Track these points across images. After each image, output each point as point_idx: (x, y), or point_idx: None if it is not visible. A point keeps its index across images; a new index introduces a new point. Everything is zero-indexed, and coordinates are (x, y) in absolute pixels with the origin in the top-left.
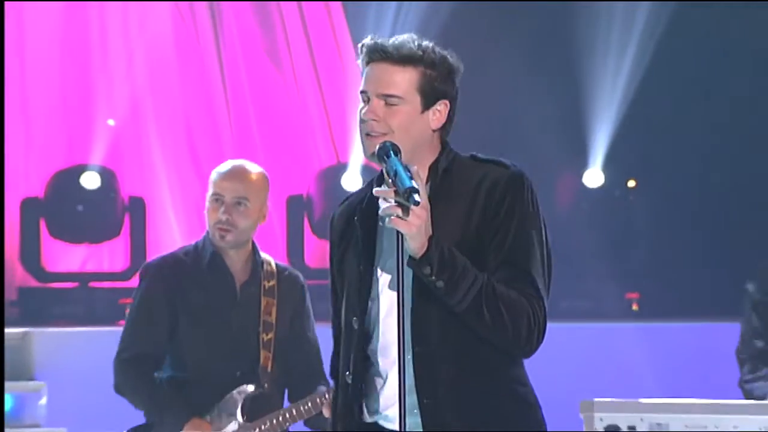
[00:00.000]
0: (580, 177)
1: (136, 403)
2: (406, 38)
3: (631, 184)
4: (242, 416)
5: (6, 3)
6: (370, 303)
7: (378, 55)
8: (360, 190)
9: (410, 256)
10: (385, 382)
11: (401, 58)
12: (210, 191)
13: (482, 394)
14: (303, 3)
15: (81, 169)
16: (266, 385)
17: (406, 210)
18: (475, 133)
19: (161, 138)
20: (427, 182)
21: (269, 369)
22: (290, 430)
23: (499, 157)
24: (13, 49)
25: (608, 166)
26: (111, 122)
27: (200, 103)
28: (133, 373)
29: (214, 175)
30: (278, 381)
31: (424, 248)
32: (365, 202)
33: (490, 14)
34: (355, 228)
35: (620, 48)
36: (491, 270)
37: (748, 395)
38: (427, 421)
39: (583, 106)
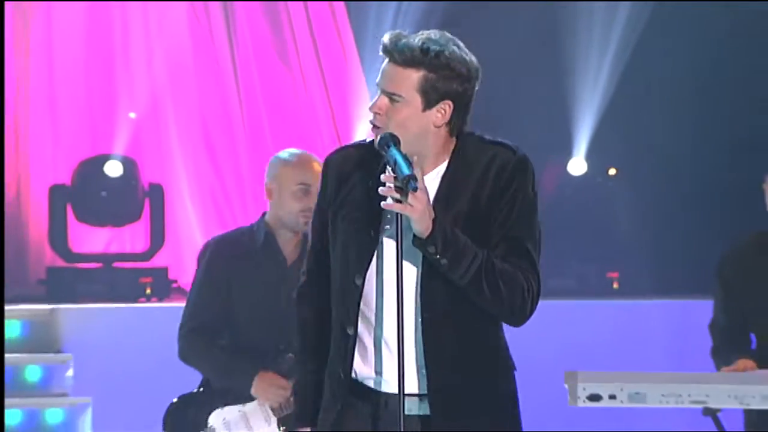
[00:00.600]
0: (565, 165)
1: (202, 369)
2: (415, 40)
3: (612, 172)
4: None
5: (34, 3)
6: (374, 266)
7: (388, 53)
8: (359, 146)
9: (416, 237)
10: (385, 344)
11: (404, 61)
12: (293, 179)
13: (477, 357)
14: (309, 3)
15: (105, 158)
16: None
17: (405, 194)
18: (472, 122)
19: (178, 129)
20: (447, 168)
21: None
22: None
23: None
24: (42, 47)
25: (591, 156)
26: (132, 115)
27: (214, 97)
28: (197, 341)
29: (295, 164)
30: None
31: (429, 230)
32: (378, 170)
33: (482, 13)
34: (366, 191)
35: (602, 45)
36: (494, 243)
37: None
38: (433, 383)
39: (567, 101)
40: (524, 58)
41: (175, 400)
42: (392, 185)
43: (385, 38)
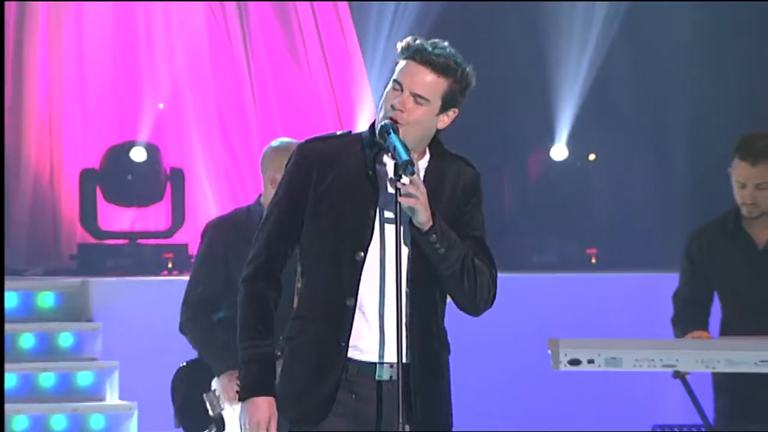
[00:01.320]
0: (548, 151)
1: (193, 341)
2: (446, 49)
3: (591, 157)
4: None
5: (67, 3)
6: (371, 248)
7: (421, 57)
8: (332, 137)
9: (416, 228)
10: (363, 315)
11: (440, 67)
12: (282, 165)
13: (435, 334)
14: (315, 3)
15: (130, 144)
16: None
17: (402, 176)
18: (467, 113)
19: (197, 119)
20: (428, 162)
21: None
22: None
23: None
24: (73, 42)
25: (571, 142)
26: (161, 106)
27: (229, 90)
28: (192, 315)
29: (283, 151)
30: None
31: (431, 221)
32: (372, 161)
33: (475, 13)
34: (357, 175)
35: (582, 41)
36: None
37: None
38: (416, 350)
39: (550, 92)
40: (512, 54)
41: (183, 365)
42: (406, 182)
43: (419, 43)
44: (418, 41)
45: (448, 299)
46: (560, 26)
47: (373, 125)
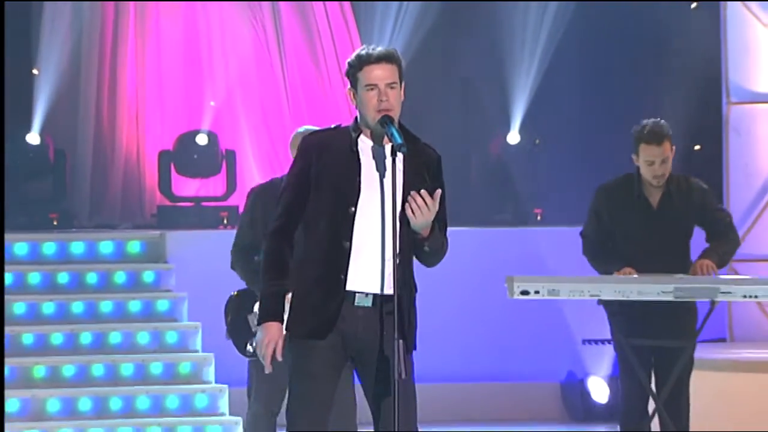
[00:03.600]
0: (505, 137)
1: (241, 275)
2: (378, 47)
3: (537, 141)
4: None
5: (148, 3)
6: (359, 203)
7: (375, 58)
8: (333, 129)
9: (414, 232)
10: (356, 252)
11: (388, 57)
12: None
13: (409, 273)
14: (327, 4)
15: (196, 132)
16: None
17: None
18: (441, 108)
19: (245, 112)
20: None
21: None
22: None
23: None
24: (153, 47)
25: (522, 130)
26: (212, 103)
27: (269, 89)
28: (239, 257)
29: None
30: None
31: (428, 231)
32: (354, 143)
33: (438, 15)
34: (346, 157)
35: (533, 42)
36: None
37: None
38: (399, 281)
39: (507, 89)
40: (474, 54)
41: (233, 293)
42: (429, 206)
43: (364, 53)
44: (363, 52)
45: None
46: (515, 30)
47: (356, 118)
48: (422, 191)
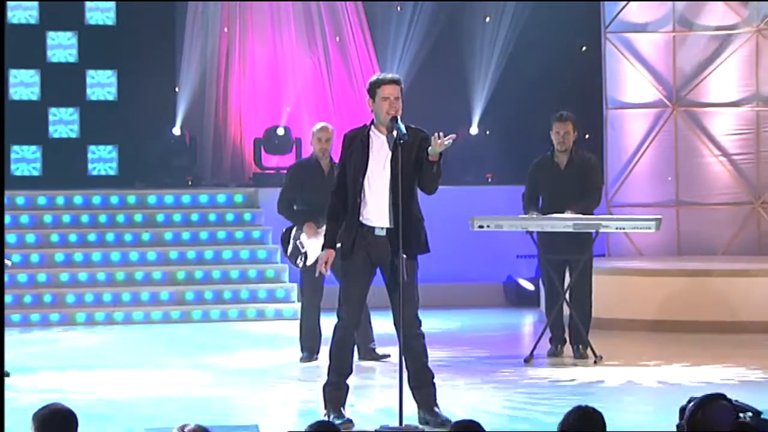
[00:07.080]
0: (468, 129)
1: (286, 217)
2: (390, 74)
3: (488, 132)
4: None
5: (246, 35)
6: (368, 175)
7: (391, 80)
8: (358, 129)
9: (430, 158)
10: (371, 200)
11: (398, 81)
12: (317, 135)
13: (415, 207)
14: (347, 4)
15: (276, 126)
16: None
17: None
18: (419, 105)
19: (308, 114)
20: (405, 130)
21: None
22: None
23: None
24: (251, 67)
25: (480, 123)
26: (288, 108)
27: (320, 97)
28: (285, 205)
29: (319, 129)
30: None
31: (437, 158)
32: (367, 135)
33: (400, 19)
34: (362, 144)
35: (490, 45)
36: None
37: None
38: (404, 216)
39: (468, 87)
40: (439, 54)
41: (284, 230)
42: (448, 143)
43: (387, 77)
44: (381, 77)
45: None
46: (475, 33)
47: (372, 120)
48: (440, 133)
